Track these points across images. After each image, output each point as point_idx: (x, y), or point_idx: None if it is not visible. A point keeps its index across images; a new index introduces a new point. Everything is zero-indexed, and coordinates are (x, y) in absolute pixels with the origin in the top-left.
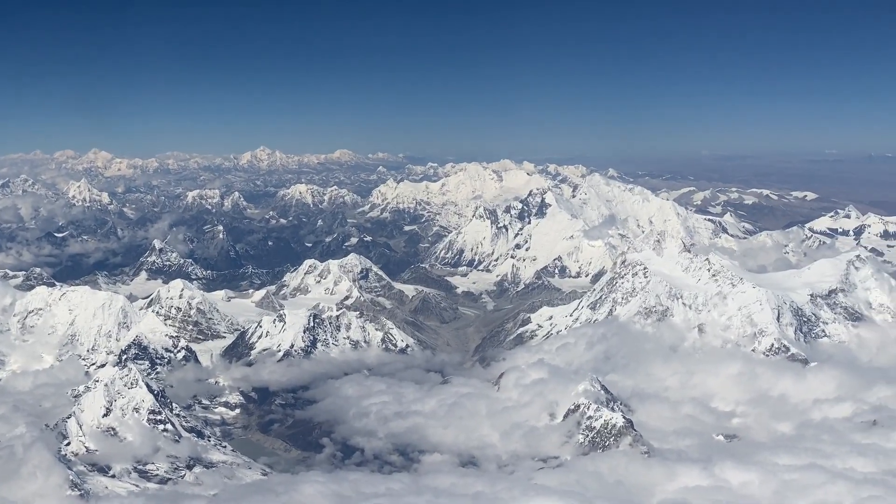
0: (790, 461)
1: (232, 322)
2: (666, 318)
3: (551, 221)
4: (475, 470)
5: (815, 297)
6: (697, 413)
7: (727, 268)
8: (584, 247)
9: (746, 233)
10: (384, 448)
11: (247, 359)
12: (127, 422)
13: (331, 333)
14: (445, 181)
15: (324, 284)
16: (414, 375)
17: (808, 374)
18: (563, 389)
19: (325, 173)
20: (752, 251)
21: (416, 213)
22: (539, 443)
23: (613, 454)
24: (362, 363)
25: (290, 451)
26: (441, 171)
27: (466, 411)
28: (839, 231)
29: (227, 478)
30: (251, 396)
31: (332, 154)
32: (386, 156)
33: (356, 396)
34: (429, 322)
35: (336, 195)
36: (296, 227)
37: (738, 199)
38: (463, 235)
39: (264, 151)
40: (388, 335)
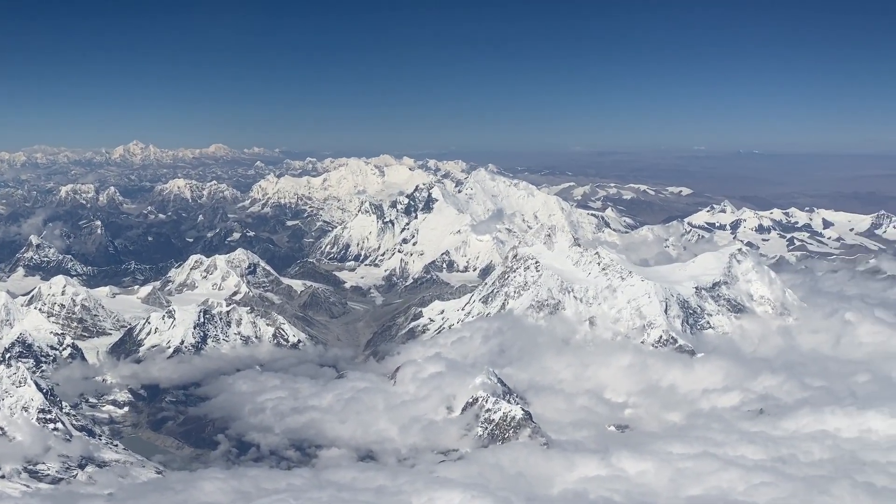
0: (683, 450)
1: (118, 319)
2: (558, 311)
3: (438, 216)
4: (374, 464)
5: (700, 290)
6: (592, 405)
7: (616, 261)
8: (472, 241)
9: (628, 227)
10: (281, 444)
11: (135, 356)
12: (16, 421)
13: (221, 329)
14: (327, 176)
15: (211, 280)
16: (308, 370)
17: (695, 365)
18: (460, 383)
19: (200, 168)
20: (634, 245)
21: (298, 208)
22: (438, 436)
23: (513, 446)
24: (254, 359)
25: (182, 448)
26: (320, 166)
27: (364, 406)
28: (716, 225)
29: (121, 477)
30: (140, 394)
31: (207, 148)
32: (262, 150)
33: (250, 392)
34: (318, 317)
35: (215, 190)
36: (176, 223)
37: (617, 195)
38: (349, 230)
39: (137, 146)
40: (280, 330)
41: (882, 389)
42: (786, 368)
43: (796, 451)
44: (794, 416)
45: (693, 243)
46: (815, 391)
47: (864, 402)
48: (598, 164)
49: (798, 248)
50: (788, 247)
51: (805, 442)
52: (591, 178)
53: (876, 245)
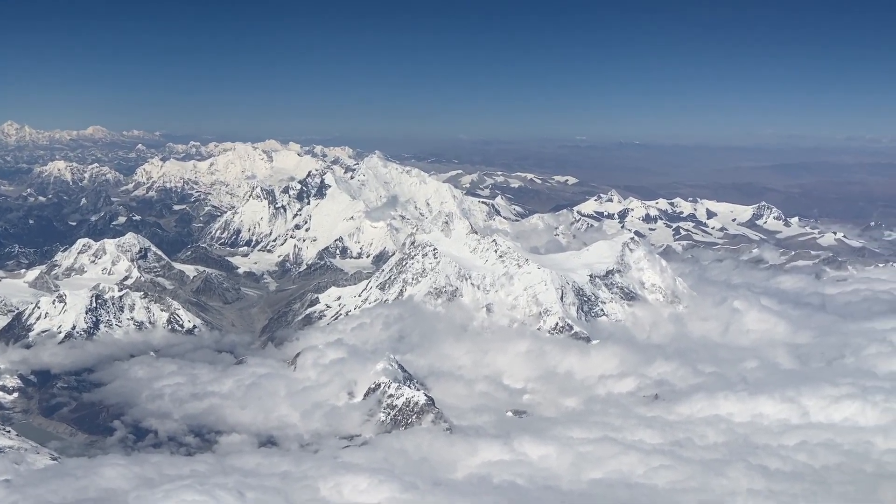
0: (583, 434)
1: (5, 303)
2: (456, 298)
3: (331, 202)
4: (277, 450)
5: (594, 278)
6: (491, 390)
7: (513, 249)
8: (366, 228)
9: (517, 215)
10: (179, 430)
11: (24, 341)
12: None
13: (114, 314)
14: (214, 161)
15: (101, 264)
16: (204, 356)
17: (591, 352)
18: (361, 368)
19: (79, 150)
20: (524, 233)
21: (184, 193)
22: (340, 422)
23: (416, 431)
24: (148, 345)
25: (76, 434)
26: (204, 150)
27: (264, 391)
28: (605, 214)
29: (15, 463)
30: (30, 380)
31: (85, 130)
32: (142, 133)
33: (147, 378)
34: (212, 303)
35: (97, 173)
36: (57, 206)
37: (505, 183)
38: (239, 215)
39: (12, 126)
40: (175, 316)
41: (770, 375)
42: (678, 355)
43: (692, 434)
44: (688, 401)
45: (582, 232)
46: (708, 377)
47: (754, 388)
48: (484, 153)
49: (684, 237)
50: (675, 236)
51: (700, 426)
52: (478, 167)
53: (757, 235)
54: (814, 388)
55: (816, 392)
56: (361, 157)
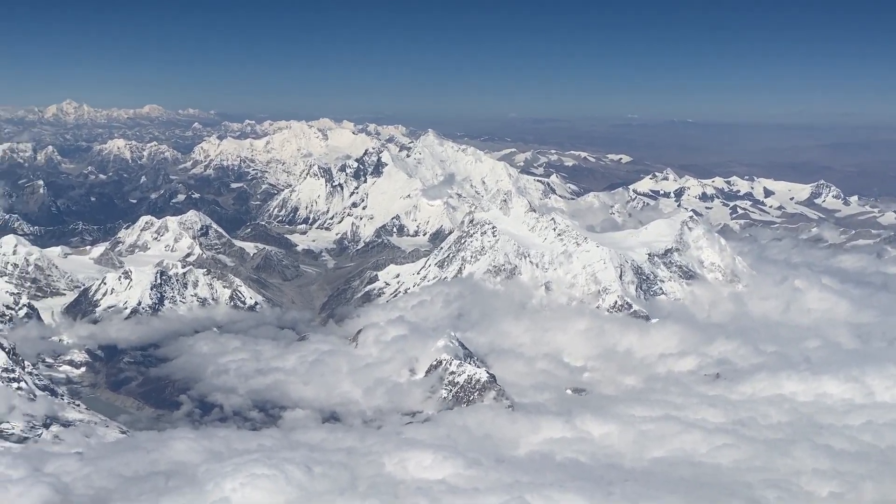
0: (645, 413)
1: (72, 279)
2: (514, 276)
3: (388, 180)
4: (341, 425)
5: (653, 256)
6: (551, 368)
7: (571, 227)
8: (423, 206)
9: (572, 194)
10: (244, 405)
11: (92, 316)
12: None
13: (178, 291)
14: (270, 139)
15: (163, 241)
16: (266, 333)
17: (651, 330)
18: (422, 346)
19: (136, 128)
20: (580, 211)
21: (241, 171)
22: (402, 398)
23: (479, 408)
24: (211, 321)
25: (143, 408)
26: (259, 128)
27: (327, 368)
28: (661, 193)
29: (86, 436)
30: (98, 354)
31: (142, 109)
32: (197, 112)
33: (211, 354)
34: (272, 280)
35: (156, 151)
36: (117, 183)
37: (559, 161)
38: (297, 193)
39: (71, 104)
40: (237, 292)
41: (832, 354)
42: (739, 334)
43: (755, 414)
44: (750, 380)
45: (638, 210)
46: (770, 356)
47: (817, 367)
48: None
49: (741, 216)
50: (732, 215)
51: (763, 405)
52: (531, 145)
53: (816, 214)
54: (878, 368)
55: (881, 372)
56: (415, 135)
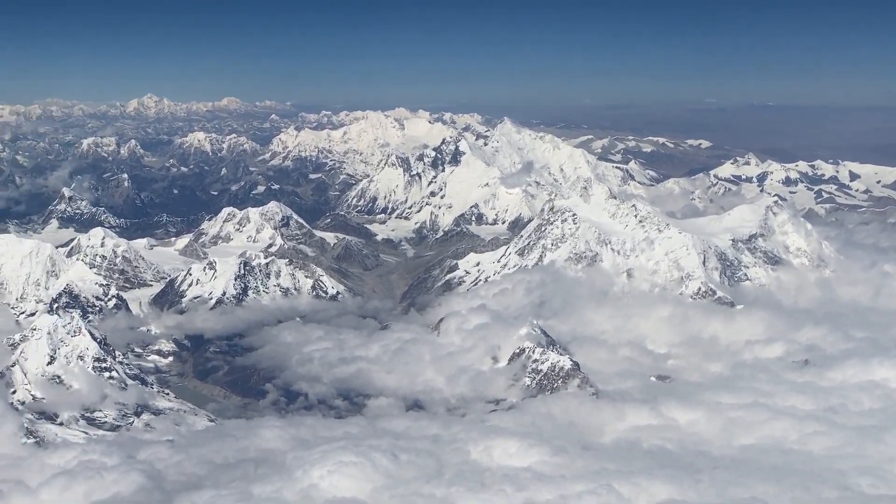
0: (732, 400)
1: (158, 270)
2: (596, 263)
3: (466, 169)
4: (425, 413)
5: (737, 242)
6: (635, 355)
7: (653, 214)
8: (501, 194)
9: (652, 180)
10: (328, 393)
11: (178, 307)
12: (72, 370)
13: (261, 281)
14: (347, 129)
15: (246, 232)
16: (349, 322)
17: (736, 316)
18: (504, 334)
19: (215, 121)
20: (660, 198)
21: (319, 161)
22: (486, 386)
23: (563, 396)
24: (294, 310)
25: (229, 397)
26: (336, 119)
27: (410, 356)
28: (742, 178)
29: (176, 424)
30: (185, 344)
31: (220, 101)
32: (274, 104)
33: (295, 343)
34: (352, 269)
35: (235, 143)
36: (199, 176)
37: (636, 147)
38: (375, 183)
39: (151, 99)
40: (319, 282)
41: None
42: (828, 320)
43: (846, 400)
44: (840, 366)
45: (720, 196)
46: (860, 342)
47: None
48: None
49: (826, 200)
50: (817, 199)
51: (854, 392)
52: (608, 132)
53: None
54: None
55: None
56: (491, 123)
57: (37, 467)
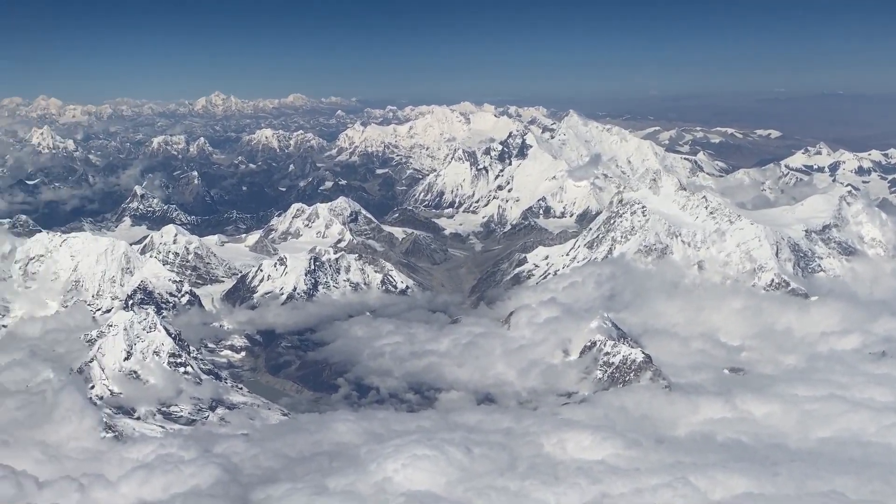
0: (808, 392)
1: (229, 266)
2: (666, 255)
3: (533, 162)
4: (497, 407)
5: (810, 233)
6: (707, 348)
7: (724, 205)
8: (569, 187)
9: (721, 171)
10: (400, 387)
11: (249, 302)
12: (148, 365)
13: (331, 276)
14: (413, 124)
15: (315, 228)
16: (419, 316)
17: (810, 308)
18: (575, 327)
19: (282, 118)
20: (730, 189)
21: (385, 157)
22: (557, 379)
23: (635, 389)
24: (364, 305)
25: (302, 391)
26: (401, 114)
27: (481, 350)
28: (814, 168)
29: (250, 418)
30: (257, 339)
31: (286, 98)
32: (339, 100)
33: (366, 337)
34: (421, 264)
35: (302, 139)
36: (267, 172)
37: (705, 138)
38: (442, 178)
39: (219, 97)
40: (388, 277)
41: None
42: None
43: None
44: None
45: (791, 186)
46: None
47: None
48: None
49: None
50: (891, 189)
51: None
52: (675, 123)
53: None
54: None
55: None
56: (556, 116)
57: (116, 461)
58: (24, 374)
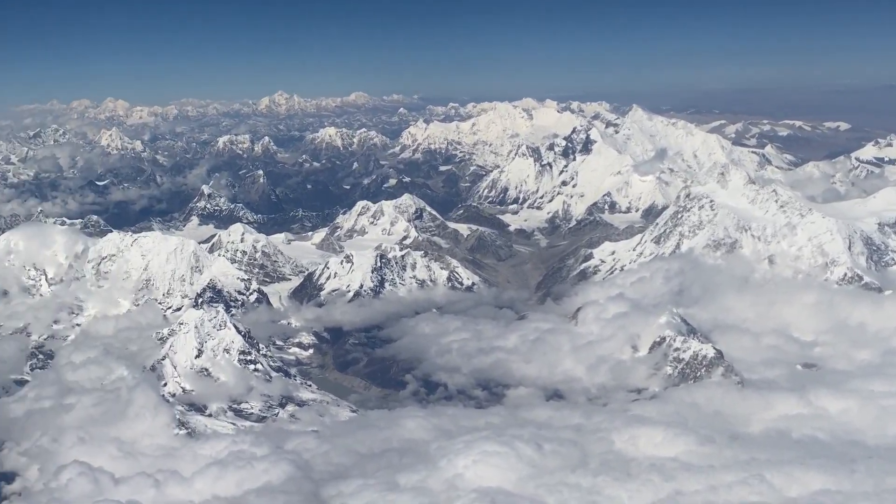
0: (885, 388)
1: (296, 264)
2: (735, 250)
3: (598, 157)
4: (566, 403)
5: (883, 226)
6: (780, 343)
7: (794, 198)
8: (634, 182)
9: (789, 164)
10: (468, 383)
11: (317, 300)
12: (219, 362)
13: (397, 273)
14: (476, 121)
15: (380, 225)
16: (485, 312)
17: (885, 302)
18: (643, 322)
19: (344, 116)
20: (799, 182)
21: (448, 154)
22: (626, 375)
23: (707, 385)
24: (431, 302)
25: (369, 388)
26: (463, 111)
27: (548, 346)
28: (885, 160)
29: (320, 415)
30: (324, 337)
31: (348, 97)
32: (401, 97)
33: (433, 334)
34: (486, 260)
35: (365, 137)
36: (331, 171)
37: (772, 132)
38: (506, 174)
39: (282, 96)
40: (454, 273)
41: None
42: None
43: None
44: None
45: (862, 179)
46: None
47: None
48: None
49: None
50: None
51: None
52: (740, 116)
53: None
54: None
55: None
56: (620, 111)
57: (190, 457)
58: (98, 371)
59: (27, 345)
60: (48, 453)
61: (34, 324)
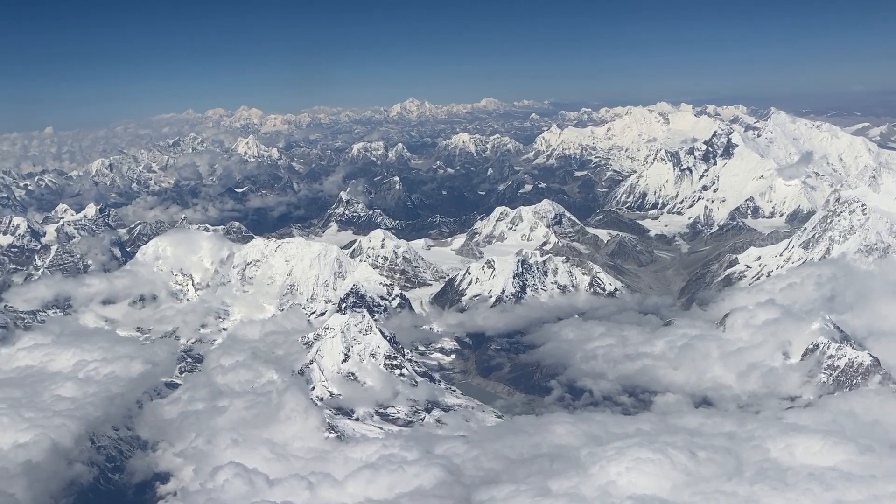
0: None
1: (436, 270)
2: (888, 255)
3: (739, 161)
4: (715, 410)
5: None
6: None
7: None
8: (778, 186)
9: None
10: (613, 389)
11: (458, 305)
12: (365, 367)
13: (538, 279)
14: (611, 125)
15: (519, 231)
16: (629, 318)
17: None
18: (794, 329)
19: (475, 122)
20: None
21: (583, 159)
22: (778, 382)
23: (864, 393)
24: (573, 307)
25: (513, 394)
26: (596, 116)
27: (696, 352)
28: None
29: (466, 420)
30: (466, 342)
31: (479, 103)
32: (531, 103)
33: (577, 340)
34: (627, 266)
35: (499, 143)
36: (465, 176)
37: None
38: (644, 179)
39: (413, 103)
40: (596, 279)
41: None
42: None
43: None
44: None
45: None
46: None
47: None
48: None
49: None
50: None
51: None
52: (884, 118)
53: None
54: None
55: None
56: (758, 114)
57: (341, 460)
58: (247, 375)
59: (176, 348)
60: (203, 454)
61: (182, 328)
